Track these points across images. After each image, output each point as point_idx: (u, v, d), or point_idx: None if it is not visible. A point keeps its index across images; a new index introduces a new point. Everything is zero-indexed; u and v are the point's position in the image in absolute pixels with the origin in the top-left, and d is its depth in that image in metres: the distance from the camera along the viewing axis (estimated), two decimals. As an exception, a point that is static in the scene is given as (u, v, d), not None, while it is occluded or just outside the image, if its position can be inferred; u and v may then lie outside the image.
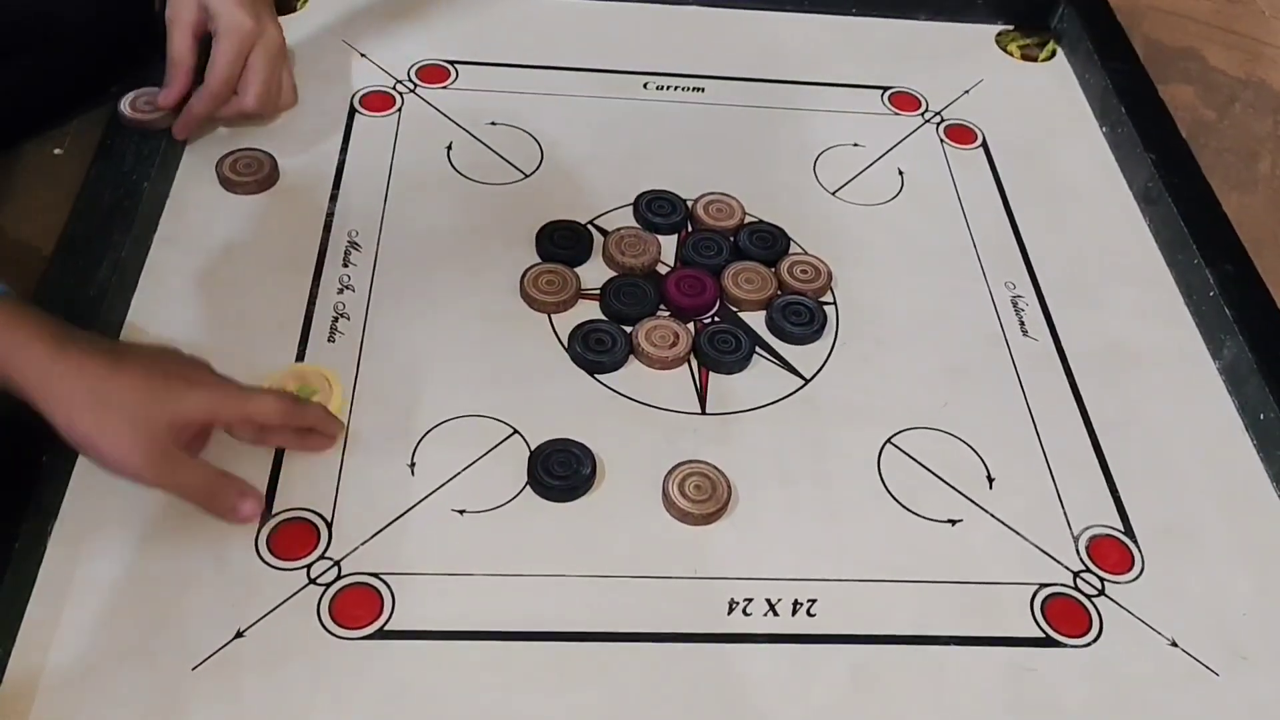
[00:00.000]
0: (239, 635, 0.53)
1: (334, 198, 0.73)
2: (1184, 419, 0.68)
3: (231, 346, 0.64)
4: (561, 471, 0.60)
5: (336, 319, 0.66)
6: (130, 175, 0.70)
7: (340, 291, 0.68)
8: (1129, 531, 0.62)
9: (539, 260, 0.71)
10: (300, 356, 0.64)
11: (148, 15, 0.76)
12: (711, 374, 0.67)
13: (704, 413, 0.65)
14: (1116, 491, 0.64)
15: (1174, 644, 0.57)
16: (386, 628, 0.54)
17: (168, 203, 0.71)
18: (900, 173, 0.82)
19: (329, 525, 0.57)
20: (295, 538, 0.56)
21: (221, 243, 0.70)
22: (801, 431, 0.64)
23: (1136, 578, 0.60)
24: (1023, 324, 0.72)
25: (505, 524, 0.58)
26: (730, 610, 0.56)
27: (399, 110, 0.80)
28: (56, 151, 0.74)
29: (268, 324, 0.65)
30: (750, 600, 0.56)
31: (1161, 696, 0.55)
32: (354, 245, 0.71)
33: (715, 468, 0.61)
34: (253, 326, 0.65)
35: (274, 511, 0.57)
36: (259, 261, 0.69)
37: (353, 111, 0.80)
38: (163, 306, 0.66)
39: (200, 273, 0.68)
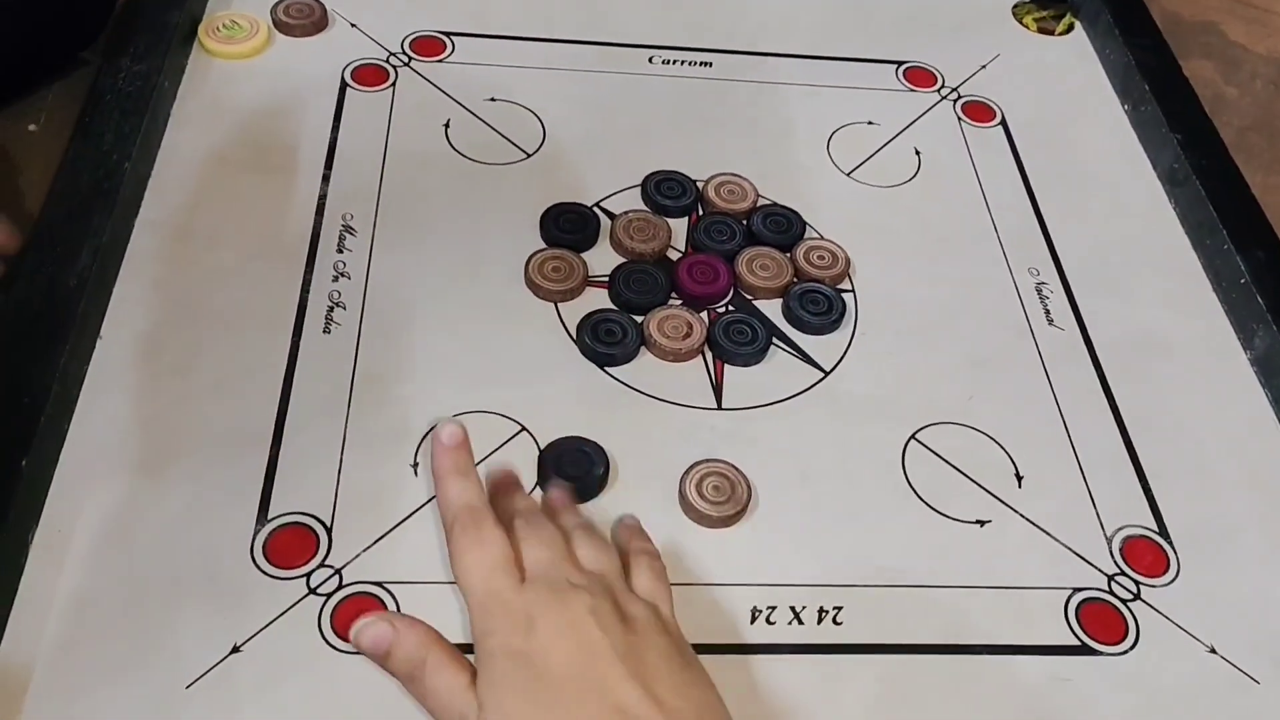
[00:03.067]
0: (235, 650, 0.50)
1: (326, 178, 0.69)
2: (1215, 412, 0.66)
3: (220, 339, 0.60)
4: (573, 471, 0.57)
5: (332, 309, 0.63)
6: (110, 155, 0.65)
7: (335, 279, 0.64)
8: (1163, 532, 0.59)
9: (544, 245, 0.68)
10: (294, 349, 0.61)
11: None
12: (727, 366, 0.64)
13: (720, 408, 0.62)
14: (1149, 489, 0.61)
15: (1213, 650, 0.55)
16: (391, 641, 0.51)
17: (150, 184, 0.67)
18: (917, 152, 0.78)
19: (329, 530, 0.54)
20: (293, 544, 0.53)
21: (208, 227, 0.66)
22: (822, 428, 0.62)
23: (1172, 581, 0.58)
24: (1048, 313, 0.69)
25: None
26: (753, 619, 0.53)
27: (393, 85, 0.76)
28: (31, 128, 0.70)
29: (259, 314, 0.62)
30: (774, 608, 0.54)
31: (1201, 706, 0.53)
32: (348, 229, 0.67)
33: (734, 467, 0.58)
34: (243, 318, 0.62)
35: (270, 516, 0.54)
36: (248, 247, 0.65)
37: (344, 86, 0.76)
38: (147, 296, 0.62)
39: (186, 259, 0.64)
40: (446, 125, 0.74)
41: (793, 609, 0.54)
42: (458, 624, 0.51)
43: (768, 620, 0.53)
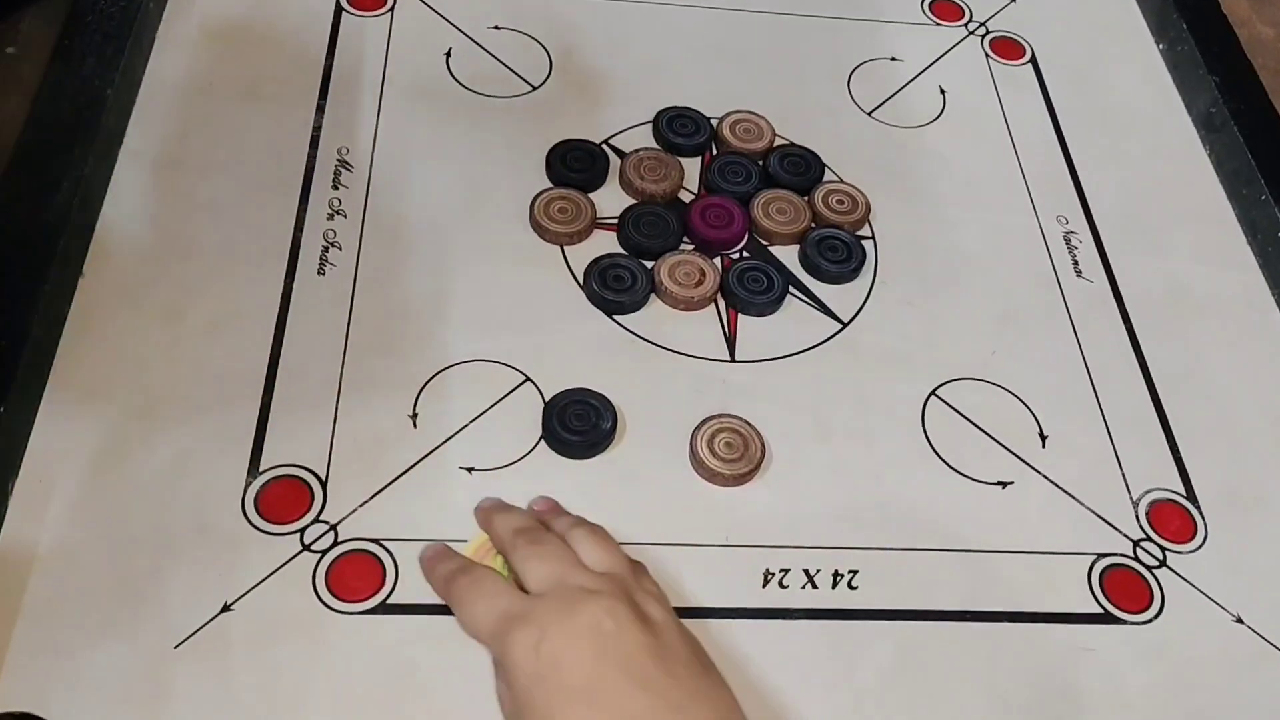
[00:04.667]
0: (226, 609, 0.47)
1: (320, 109, 0.66)
2: (1248, 372, 0.63)
3: (209, 279, 0.57)
4: (579, 425, 0.54)
5: (327, 248, 0.60)
6: (92, 81, 0.62)
7: (330, 217, 0.61)
8: (1191, 496, 0.57)
9: (550, 185, 0.65)
10: (287, 290, 0.58)
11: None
12: (741, 316, 0.61)
13: (733, 360, 0.59)
14: (1178, 451, 0.59)
15: (1239, 620, 0.53)
16: (389, 600, 0.49)
17: (134, 113, 0.64)
18: (942, 91, 0.75)
19: (323, 484, 0.52)
20: (286, 498, 0.51)
21: (196, 159, 0.62)
22: (839, 382, 0.59)
23: (1199, 547, 0.56)
24: (1076, 263, 0.66)
25: (518, 483, 0.53)
26: (765, 582, 0.51)
27: (391, 10, 0.72)
28: (9, 50, 0.66)
29: (250, 253, 0.59)
30: (787, 571, 0.52)
31: (1226, 678, 0.51)
32: (344, 164, 0.64)
33: (747, 423, 0.56)
34: (234, 257, 0.58)
35: (262, 468, 0.52)
36: (238, 181, 0.62)
37: (339, 9, 0.71)
38: (131, 232, 0.59)
39: (173, 194, 0.61)
40: (448, 54, 0.71)
41: (806, 572, 0.52)
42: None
43: (780, 584, 0.51)
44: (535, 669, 0.41)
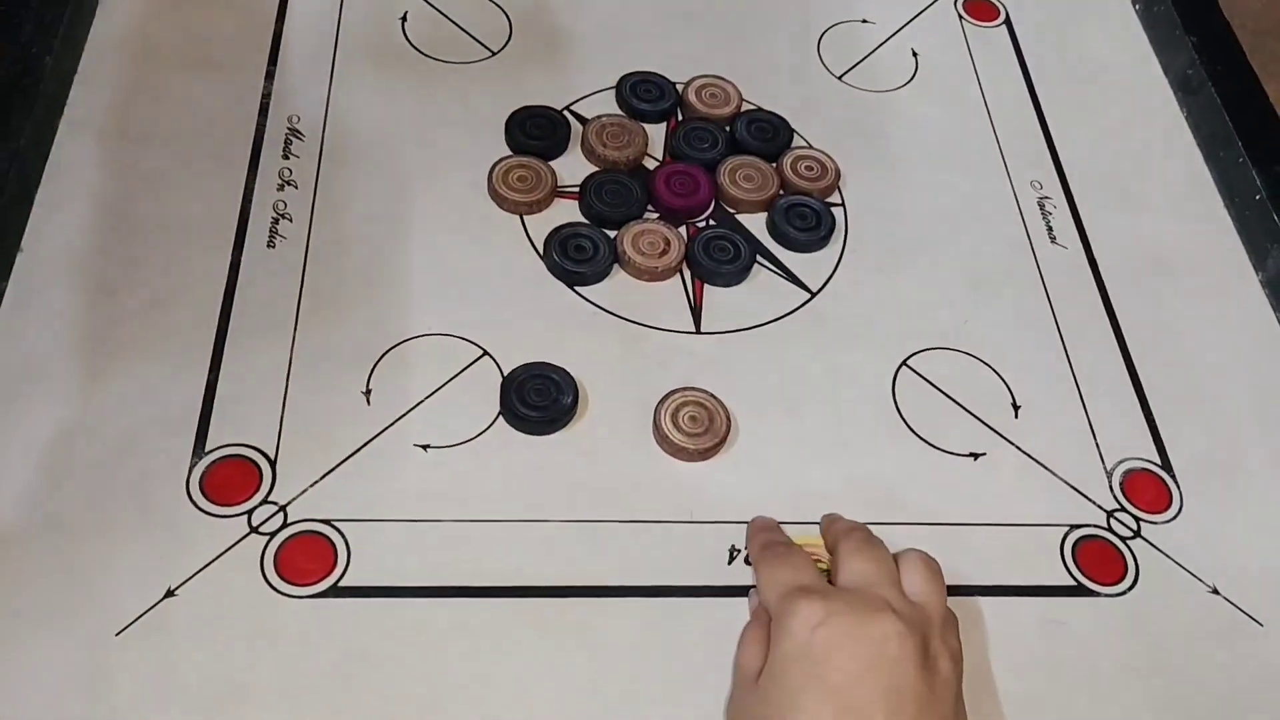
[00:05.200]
0: (170, 594, 0.46)
1: (270, 75, 0.64)
2: (1224, 338, 0.62)
3: (153, 253, 0.55)
4: (539, 400, 0.53)
5: (277, 220, 0.58)
6: (29, 48, 0.59)
7: (280, 188, 0.59)
8: (1166, 465, 0.56)
9: (509, 152, 0.62)
10: (235, 264, 0.56)
11: None
12: (706, 286, 0.59)
13: (699, 331, 0.57)
14: (1152, 420, 0.58)
15: (1215, 591, 0.52)
16: (341, 583, 0.47)
17: (75, 80, 0.61)
18: (914, 54, 0.73)
19: (272, 464, 0.50)
20: (232, 479, 0.49)
21: (140, 128, 0.60)
22: (807, 353, 0.57)
23: (1174, 517, 0.54)
24: (1050, 229, 0.65)
25: (475, 461, 0.51)
26: (731, 559, 0.50)
27: (345, -28, 0.70)
28: (-58, 17, 0.63)
29: (197, 226, 0.57)
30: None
31: (1201, 651, 0.50)
32: (295, 134, 0.61)
33: (712, 396, 0.54)
34: (179, 230, 0.56)
35: (208, 448, 0.50)
36: (184, 151, 0.60)
37: (291, -27, 0.69)
38: (72, 205, 0.56)
39: (116, 164, 0.58)
40: (403, 18, 0.68)
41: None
42: (411, 567, 0.48)
43: (747, 560, 0.50)
44: (805, 646, 0.40)
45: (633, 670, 0.46)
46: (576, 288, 0.58)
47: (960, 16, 0.76)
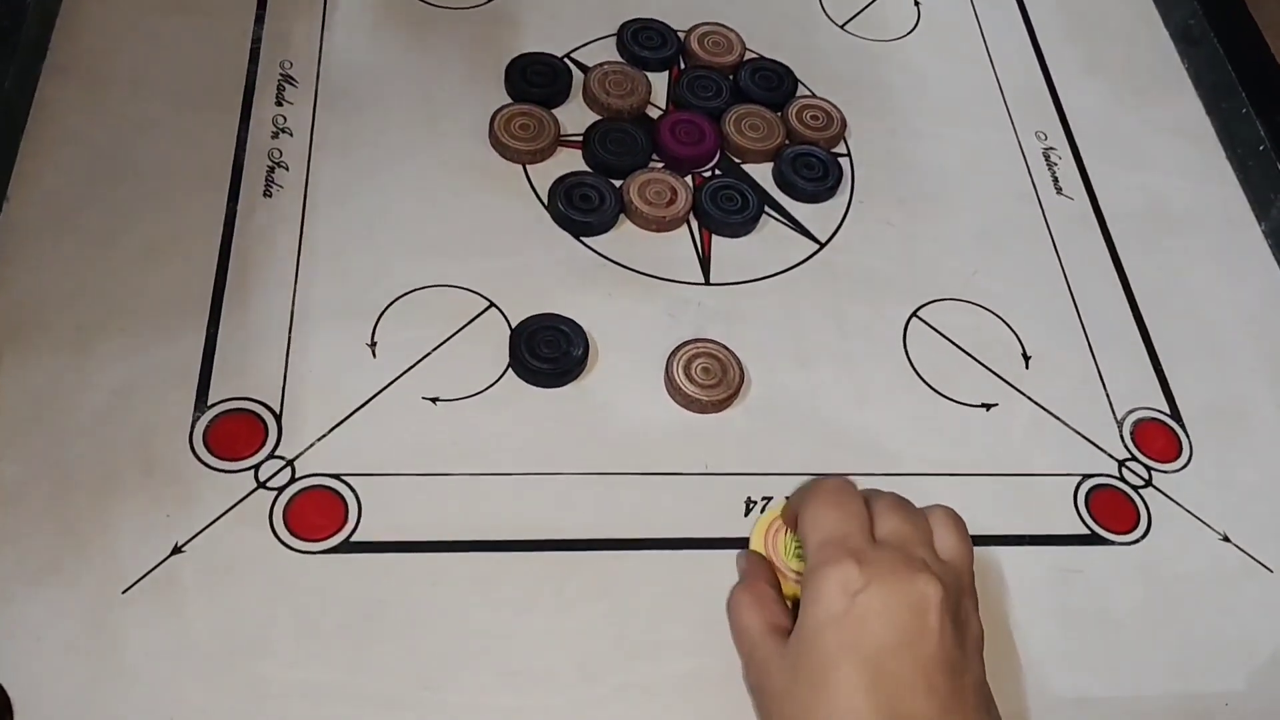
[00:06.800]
0: (177, 550, 0.44)
1: (260, 19, 0.61)
2: (1229, 288, 0.62)
3: (146, 202, 0.53)
4: (549, 352, 0.52)
5: (272, 169, 0.56)
6: (8, -12, 0.57)
7: (275, 135, 0.57)
8: (1175, 414, 0.56)
9: (510, 100, 0.61)
10: (231, 214, 0.54)
11: None
12: (715, 237, 0.58)
13: (708, 282, 0.56)
14: (1161, 369, 0.58)
15: (1226, 538, 0.52)
16: (352, 539, 0.46)
17: (58, 23, 0.59)
18: (916, 3, 0.72)
19: (278, 418, 0.48)
20: (238, 433, 0.48)
21: (127, 74, 0.58)
22: (818, 304, 0.57)
23: (1184, 466, 0.55)
24: (1056, 180, 0.64)
25: (486, 414, 0.50)
26: (747, 510, 0.49)
27: (334, -86, 0.67)
28: (-87, -43, 0.60)
29: (189, 174, 0.55)
30: (769, 499, 0.50)
31: (1213, 596, 0.51)
32: (288, 79, 0.59)
33: (724, 347, 0.53)
34: (171, 178, 0.54)
35: (210, 401, 0.48)
36: (174, 97, 0.57)
37: (278, -86, 0.67)
38: (58, 155, 0.54)
39: (103, 112, 0.56)
40: (396, -38, 0.66)
41: (788, 499, 0.50)
42: (424, 521, 0.47)
43: (762, 511, 0.49)
44: (840, 612, 0.39)
45: (651, 620, 0.46)
46: (583, 238, 0.57)
47: (962, -36, 0.75)
